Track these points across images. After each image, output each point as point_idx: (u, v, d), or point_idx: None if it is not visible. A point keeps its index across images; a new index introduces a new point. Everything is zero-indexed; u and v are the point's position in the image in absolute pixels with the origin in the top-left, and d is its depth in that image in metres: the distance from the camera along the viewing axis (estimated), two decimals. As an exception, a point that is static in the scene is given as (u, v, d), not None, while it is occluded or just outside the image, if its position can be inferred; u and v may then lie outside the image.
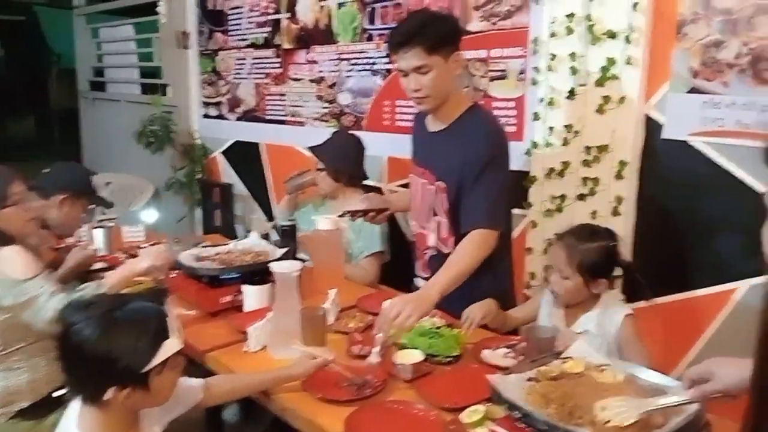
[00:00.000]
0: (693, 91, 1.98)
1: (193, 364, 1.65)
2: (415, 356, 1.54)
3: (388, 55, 2.82)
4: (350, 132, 2.86)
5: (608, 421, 1.10)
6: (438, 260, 1.89)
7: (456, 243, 1.85)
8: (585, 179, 2.21)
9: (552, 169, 2.31)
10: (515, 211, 2.28)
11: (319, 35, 3.27)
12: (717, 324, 2.02)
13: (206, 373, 1.58)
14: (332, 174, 2.62)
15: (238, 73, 3.86)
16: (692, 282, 2.06)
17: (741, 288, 1.95)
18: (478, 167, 1.82)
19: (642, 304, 1.80)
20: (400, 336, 1.64)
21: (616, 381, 1.25)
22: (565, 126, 2.25)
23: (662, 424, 1.12)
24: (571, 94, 2.21)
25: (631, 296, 1.82)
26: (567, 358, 1.38)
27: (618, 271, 1.80)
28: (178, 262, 2.02)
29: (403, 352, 1.56)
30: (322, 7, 3.23)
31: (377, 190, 2.88)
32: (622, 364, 1.39)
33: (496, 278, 1.94)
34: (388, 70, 2.95)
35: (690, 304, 2.07)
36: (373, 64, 3.03)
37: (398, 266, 2.42)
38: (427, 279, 1.96)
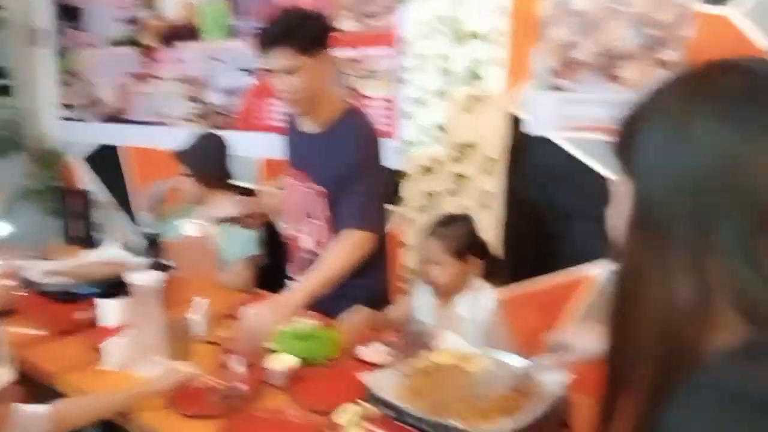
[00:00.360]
0: (553, 89, 2.08)
1: (43, 388, 1.49)
2: (286, 361, 1.48)
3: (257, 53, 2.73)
4: (212, 132, 2.74)
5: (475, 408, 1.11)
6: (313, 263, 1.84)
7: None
8: (455, 175, 2.26)
9: (424, 167, 2.34)
10: (389, 207, 2.29)
11: (186, 32, 3.12)
12: (582, 304, 2.13)
13: (59, 397, 1.43)
14: (198, 179, 2.49)
15: (100, 73, 3.60)
16: (555, 266, 2.17)
17: (598, 271, 2.07)
18: (353, 172, 1.79)
19: (512, 290, 1.86)
20: (270, 340, 1.57)
21: (484, 368, 1.27)
22: (435, 124, 2.28)
23: (525, 406, 1.14)
24: (440, 93, 2.26)
25: (492, 277, 1.89)
26: (438, 351, 1.39)
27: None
28: (26, 280, 1.83)
29: (274, 357, 1.50)
30: (187, 2, 3.08)
31: (251, 192, 2.78)
32: (489, 351, 1.41)
33: (372, 279, 1.92)
34: (261, 68, 2.87)
35: (555, 288, 2.18)
36: (244, 61, 2.93)
37: (278, 268, 2.34)
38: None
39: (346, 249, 1.74)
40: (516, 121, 2.18)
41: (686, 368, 0.54)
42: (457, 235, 1.79)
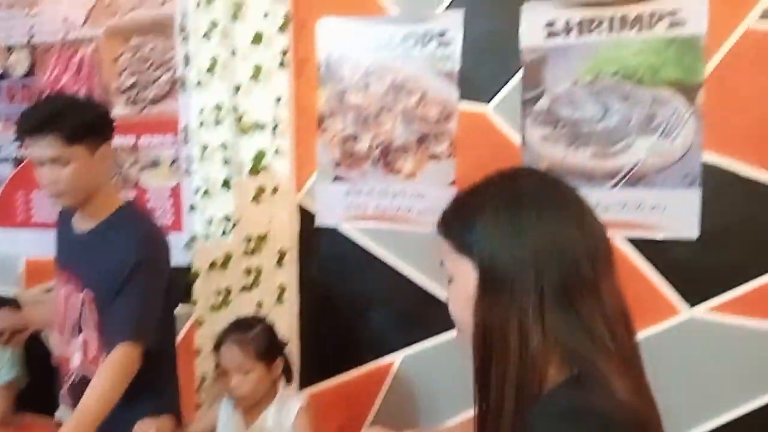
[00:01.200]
0: (337, 180, 2.11)
1: None
2: None
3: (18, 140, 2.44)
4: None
5: None
6: (84, 386, 1.61)
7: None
8: (248, 270, 2.17)
9: (214, 262, 2.22)
10: (179, 310, 2.12)
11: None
12: (381, 396, 2.12)
13: None
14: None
15: None
16: (357, 359, 2.15)
17: (396, 360, 2.09)
18: (126, 275, 1.61)
19: (316, 388, 1.80)
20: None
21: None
22: (224, 216, 2.19)
23: None
24: (226, 184, 2.18)
25: (289, 378, 1.83)
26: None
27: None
28: None
29: None
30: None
31: (12, 303, 2.42)
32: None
33: (159, 396, 1.72)
34: (20, 157, 2.55)
35: (359, 380, 2.15)
36: (3, 149, 2.60)
37: (46, 390, 2.03)
38: (73, 406, 1.65)
39: (117, 370, 1.54)
40: (305, 212, 2.16)
41: (535, 398, 0.70)
42: (255, 337, 1.72)
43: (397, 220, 2.03)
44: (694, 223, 1.67)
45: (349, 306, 2.13)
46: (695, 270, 1.68)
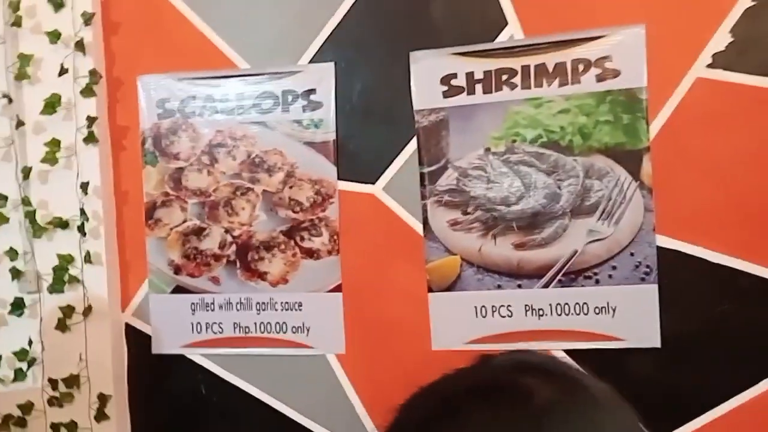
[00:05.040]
0: (179, 290, 1.54)
1: None
2: None
3: None
4: None
5: None
6: None
7: None
8: (55, 426, 1.53)
9: (9, 416, 1.55)
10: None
11: None
12: None
13: None
14: None
15: None
16: None
17: None
18: None
19: None
20: None
21: None
22: (16, 353, 1.55)
23: None
24: (18, 306, 1.54)
25: None
26: None
27: None
28: None
29: None
30: None
31: None
32: None
33: None
34: None
35: None
36: None
37: None
38: None
39: None
40: (136, 337, 1.57)
41: None
42: None
43: (265, 342, 1.50)
44: (654, 327, 1.29)
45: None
46: (659, 388, 1.29)
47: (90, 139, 1.49)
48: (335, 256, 1.46)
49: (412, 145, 1.40)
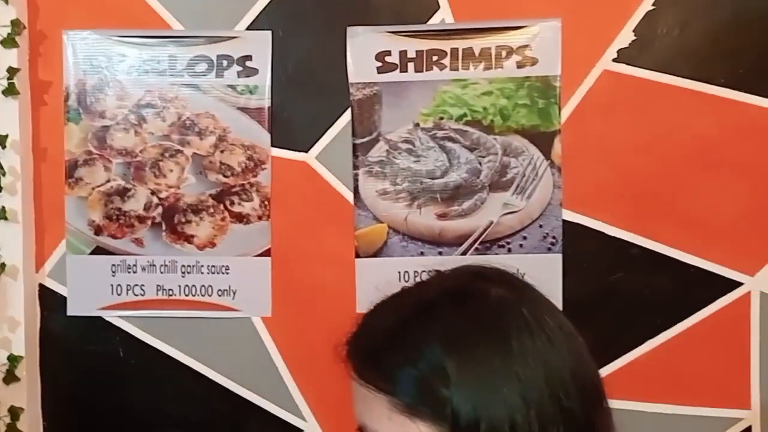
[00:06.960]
0: (99, 251, 1.51)
1: None
2: None
3: None
4: None
5: None
6: None
7: None
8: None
9: None
10: None
11: None
12: None
13: None
14: None
15: None
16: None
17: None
18: None
19: None
20: None
21: None
22: None
23: None
24: None
25: None
26: None
27: None
28: None
29: None
30: None
31: None
32: None
33: None
34: None
35: None
36: None
37: None
38: None
39: None
40: (50, 297, 1.52)
41: None
42: None
43: (189, 305, 1.50)
44: (557, 292, 1.43)
45: None
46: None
47: (10, 91, 1.42)
48: (265, 221, 1.49)
49: (346, 116, 1.46)
